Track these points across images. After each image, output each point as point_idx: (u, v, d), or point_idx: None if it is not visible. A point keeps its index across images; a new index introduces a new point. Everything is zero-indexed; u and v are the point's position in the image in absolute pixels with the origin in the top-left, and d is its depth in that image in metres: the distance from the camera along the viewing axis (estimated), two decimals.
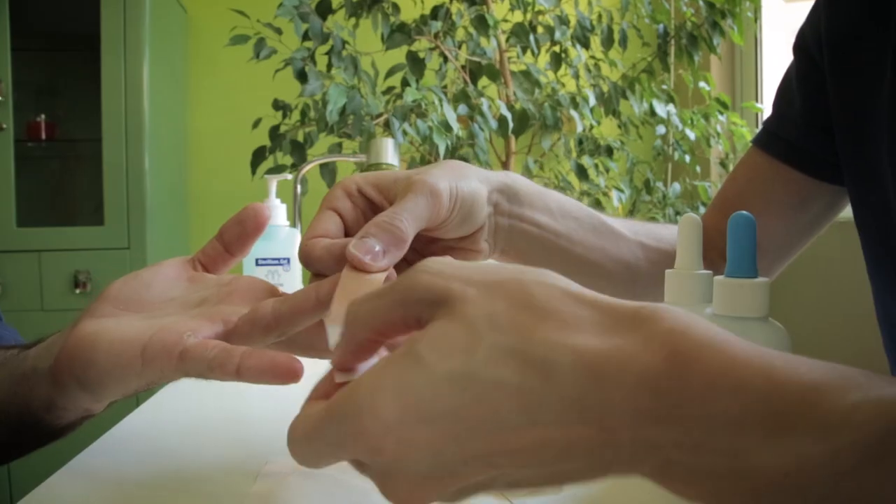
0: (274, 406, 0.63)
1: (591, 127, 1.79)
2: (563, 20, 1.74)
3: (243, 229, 0.45)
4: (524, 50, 1.79)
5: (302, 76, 1.53)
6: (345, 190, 0.45)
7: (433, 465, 0.26)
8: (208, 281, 0.44)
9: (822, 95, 0.62)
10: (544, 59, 1.85)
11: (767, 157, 0.66)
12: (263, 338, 0.39)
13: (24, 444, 0.46)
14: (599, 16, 1.80)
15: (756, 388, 0.23)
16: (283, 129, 1.63)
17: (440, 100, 1.49)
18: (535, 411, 0.25)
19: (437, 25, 1.66)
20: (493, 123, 1.60)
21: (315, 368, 0.35)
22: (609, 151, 1.82)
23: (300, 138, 1.61)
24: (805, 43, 0.64)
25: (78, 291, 1.95)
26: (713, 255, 0.50)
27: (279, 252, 0.88)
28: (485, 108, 1.58)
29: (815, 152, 0.63)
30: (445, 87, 1.76)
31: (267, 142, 1.61)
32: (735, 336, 0.25)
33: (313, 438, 0.28)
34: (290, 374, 0.36)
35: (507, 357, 0.25)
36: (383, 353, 0.32)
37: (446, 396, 0.25)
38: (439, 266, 0.29)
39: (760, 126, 0.70)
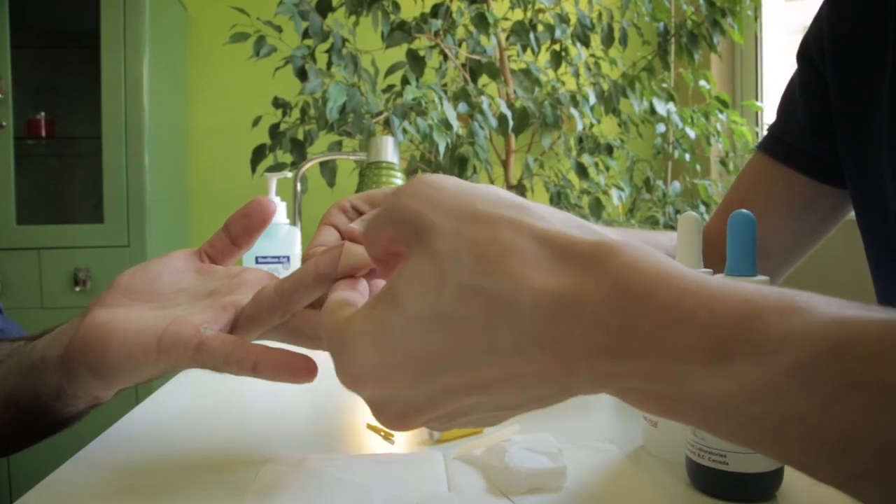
0: (275, 403, 0.63)
1: (591, 125, 1.79)
2: (563, 18, 1.74)
3: (249, 222, 0.45)
4: (524, 48, 1.78)
5: (302, 74, 1.53)
6: (339, 208, 0.48)
7: (413, 396, 0.29)
8: (217, 272, 0.45)
9: (824, 101, 0.62)
10: (544, 57, 1.85)
11: (771, 161, 0.66)
12: (269, 317, 0.40)
13: (33, 434, 0.47)
14: (599, 14, 1.80)
15: (699, 319, 0.25)
16: (282, 127, 1.63)
17: (440, 98, 1.49)
18: (498, 347, 0.27)
19: (438, 23, 1.66)
20: (493, 122, 1.59)
21: (325, 360, 0.36)
22: (609, 150, 1.82)
23: (300, 136, 1.61)
24: (808, 51, 0.64)
25: (78, 289, 1.95)
26: (715, 260, 0.50)
27: (279, 250, 0.88)
28: (485, 106, 1.58)
29: (819, 156, 0.64)
30: (445, 85, 1.75)
31: (267, 140, 1.61)
32: (689, 269, 0.26)
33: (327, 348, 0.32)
34: (305, 373, 0.37)
35: (470, 296, 0.27)
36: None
37: (418, 336, 0.28)
38: (417, 188, 0.30)
39: (762, 127, 0.71)
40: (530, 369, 0.27)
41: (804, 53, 0.65)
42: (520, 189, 1.80)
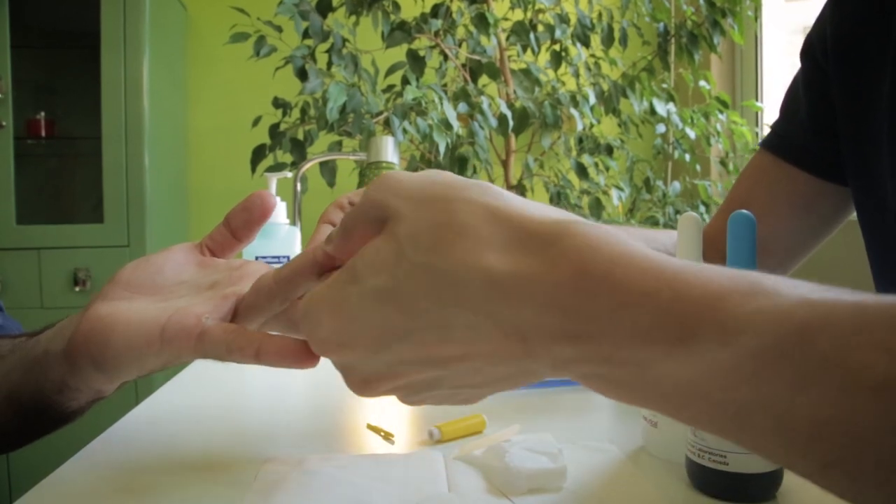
0: (275, 402, 0.63)
1: (591, 125, 1.79)
2: (563, 18, 1.74)
3: (250, 215, 0.46)
4: (524, 48, 1.78)
5: (302, 74, 1.53)
6: (338, 205, 0.49)
7: (374, 364, 0.30)
8: (218, 265, 0.45)
9: (827, 100, 0.62)
10: (544, 57, 1.85)
11: (774, 158, 0.67)
12: (268, 304, 0.40)
13: (35, 429, 0.47)
14: (600, 14, 1.80)
15: (662, 299, 0.24)
16: (282, 127, 1.63)
17: (440, 98, 1.49)
18: (452, 324, 0.27)
19: (438, 23, 1.65)
20: (493, 122, 1.59)
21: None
22: (609, 150, 1.82)
23: (300, 136, 1.61)
24: (812, 49, 0.64)
25: (77, 289, 1.94)
26: (716, 260, 0.50)
27: (279, 250, 0.88)
28: (485, 106, 1.58)
29: (822, 154, 0.64)
30: (445, 85, 1.75)
31: (267, 140, 1.61)
32: (651, 250, 0.26)
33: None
34: (308, 359, 0.37)
35: (422, 273, 0.27)
36: None
37: (372, 307, 0.29)
38: (381, 180, 0.31)
39: (762, 128, 0.72)
40: (486, 348, 0.27)
41: (808, 52, 0.65)
42: (520, 189, 1.80)
